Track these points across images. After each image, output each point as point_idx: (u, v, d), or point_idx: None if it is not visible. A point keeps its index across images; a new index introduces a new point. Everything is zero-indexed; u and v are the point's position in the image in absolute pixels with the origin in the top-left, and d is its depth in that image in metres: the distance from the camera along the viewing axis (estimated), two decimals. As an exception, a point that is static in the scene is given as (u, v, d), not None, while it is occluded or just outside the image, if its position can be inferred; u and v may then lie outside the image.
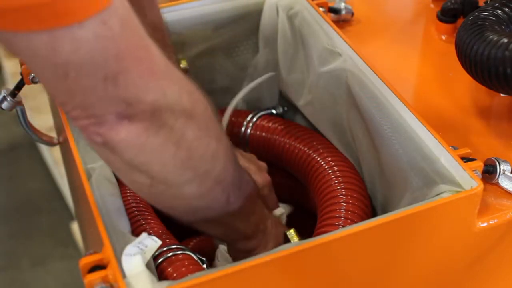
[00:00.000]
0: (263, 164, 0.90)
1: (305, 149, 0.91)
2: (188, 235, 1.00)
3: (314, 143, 0.91)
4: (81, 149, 0.76)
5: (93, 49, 0.54)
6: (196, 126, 0.62)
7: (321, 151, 0.89)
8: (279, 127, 0.97)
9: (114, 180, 0.77)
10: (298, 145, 0.93)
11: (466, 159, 0.74)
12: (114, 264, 0.62)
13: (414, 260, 0.74)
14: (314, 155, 0.89)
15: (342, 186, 0.83)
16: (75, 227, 1.90)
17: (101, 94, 0.56)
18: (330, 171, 0.86)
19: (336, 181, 0.84)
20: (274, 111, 1.04)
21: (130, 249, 0.63)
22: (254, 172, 0.85)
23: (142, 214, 0.80)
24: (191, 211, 0.68)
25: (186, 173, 0.63)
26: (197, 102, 0.63)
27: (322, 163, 0.88)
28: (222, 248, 0.83)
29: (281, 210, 0.90)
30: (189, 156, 0.62)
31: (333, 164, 0.87)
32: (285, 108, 1.04)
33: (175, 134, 0.60)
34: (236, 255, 0.79)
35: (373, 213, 0.85)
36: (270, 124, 0.98)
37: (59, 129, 0.98)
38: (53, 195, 2.04)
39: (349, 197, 0.81)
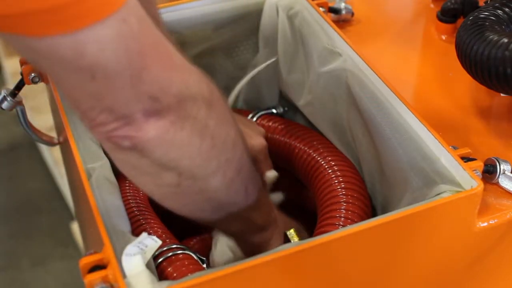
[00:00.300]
0: (261, 129, 0.91)
1: (305, 148, 0.91)
2: (188, 235, 1.00)
3: (314, 142, 0.91)
4: (81, 149, 0.76)
5: (118, 48, 0.54)
6: (215, 114, 0.63)
7: (321, 150, 0.89)
8: (279, 127, 0.97)
9: (114, 180, 0.77)
10: (298, 145, 0.93)
11: (466, 159, 0.74)
12: (114, 264, 0.62)
13: (414, 260, 0.74)
14: (314, 155, 0.89)
15: (342, 185, 0.83)
16: (75, 227, 1.90)
17: (128, 92, 0.56)
18: (330, 171, 0.86)
19: (336, 181, 0.84)
20: (274, 111, 1.04)
21: (130, 249, 0.63)
22: (251, 136, 0.85)
23: (142, 214, 0.80)
24: (214, 207, 0.69)
25: (211, 163, 0.64)
26: (214, 91, 0.64)
27: (322, 162, 0.88)
28: (222, 239, 0.83)
29: (278, 197, 0.91)
30: (212, 145, 0.63)
31: (333, 163, 0.87)
32: (285, 108, 1.04)
33: (199, 124, 0.61)
34: (252, 249, 0.78)
35: (373, 213, 0.85)
36: (270, 124, 0.98)
37: (59, 129, 0.98)
38: (53, 195, 2.04)
39: (349, 196, 0.81)
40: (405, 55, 1.03)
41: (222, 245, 0.83)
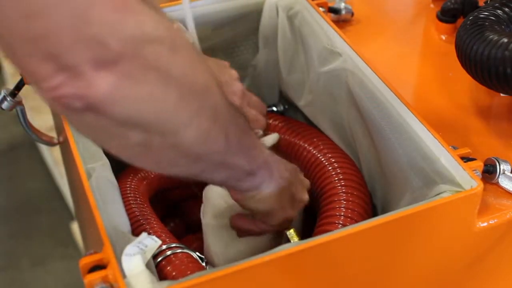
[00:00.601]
0: (234, 73, 0.87)
1: (306, 145, 0.91)
2: (187, 234, 1.00)
3: (315, 139, 0.91)
4: (81, 149, 0.76)
5: None
6: (180, 60, 0.56)
7: (321, 147, 0.90)
8: (279, 124, 0.97)
9: (114, 180, 0.77)
10: (298, 142, 0.93)
11: (466, 159, 0.74)
12: (114, 264, 0.62)
13: (414, 260, 0.74)
14: (315, 152, 0.90)
15: (342, 183, 0.83)
16: (75, 227, 1.90)
17: (71, 34, 0.49)
18: (330, 168, 0.86)
19: (336, 178, 0.84)
20: (274, 109, 1.05)
21: (130, 249, 0.63)
22: (226, 82, 0.82)
23: (142, 214, 0.80)
24: (191, 160, 0.63)
25: (181, 116, 0.57)
26: (176, 34, 0.57)
27: (323, 159, 0.88)
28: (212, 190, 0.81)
29: (273, 138, 0.90)
30: (180, 96, 0.56)
31: (333, 160, 0.87)
32: (286, 106, 1.04)
33: (161, 74, 0.54)
34: (243, 198, 0.74)
35: (374, 211, 0.85)
36: (270, 122, 0.98)
37: (59, 129, 0.98)
38: (53, 195, 2.04)
39: (349, 194, 0.81)
40: (405, 55, 1.03)
41: (212, 197, 0.81)
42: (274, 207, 0.73)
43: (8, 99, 0.89)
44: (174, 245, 0.74)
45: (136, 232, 0.74)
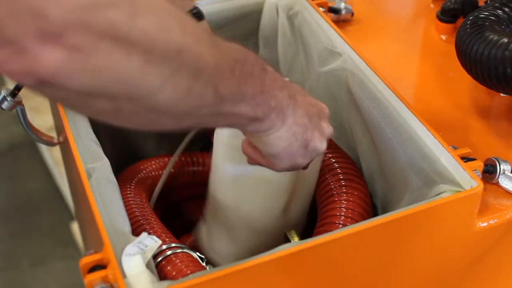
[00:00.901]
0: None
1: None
2: (188, 233, 1.00)
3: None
4: (81, 149, 0.76)
5: None
6: (144, 24, 0.50)
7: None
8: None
9: (114, 180, 0.76)
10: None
11: (466, 159, 0.74)
12: (114, 264, 0.62)
13: (414, 260, 0.74)
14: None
15: (342, 183, 0.83)
16: (75, 227, 1.90)
17: (8, 6, 0.46)
18: (330, 168, 0.86)
19: (336, 178, 0.84)
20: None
21: (130, 249, 0.63)
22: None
23: (142, 214, 0.80)
24: (177, 118, 0.58)
25: (151, 80, 0.52)
26: None
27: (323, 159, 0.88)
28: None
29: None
30: (146, 60, 0.51)
31: (333, 160, 0.87)
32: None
33: (119, 42, 0.49)
34: (252, 137, 0.69)
35: (374, 211, 0.85)
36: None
37: (59, 129, 0.98)
38: (53, 195, 2.04)
39: (349, 194, 0.81)
40: (405, 55, 1.04)
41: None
42: (283, 151, 0.68)
43: (8, 99, 0.89)
44: (174, 245, 0.74)
45: (136, 232, 0.74)
